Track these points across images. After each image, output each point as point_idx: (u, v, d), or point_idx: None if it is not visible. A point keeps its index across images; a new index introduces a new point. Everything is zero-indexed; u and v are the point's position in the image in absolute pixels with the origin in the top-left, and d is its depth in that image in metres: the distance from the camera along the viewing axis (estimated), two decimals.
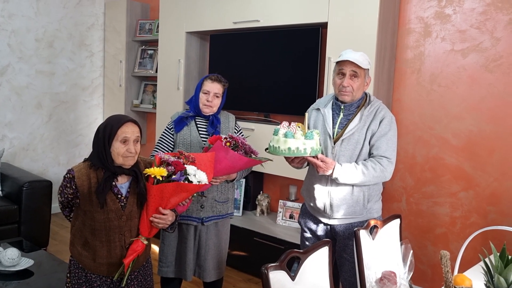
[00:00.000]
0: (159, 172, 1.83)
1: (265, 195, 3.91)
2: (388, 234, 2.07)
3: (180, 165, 1.90)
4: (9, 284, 2.38)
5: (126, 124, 1.86)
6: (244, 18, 3.66)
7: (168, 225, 1.96)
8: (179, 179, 1.86)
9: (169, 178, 1.87)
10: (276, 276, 1.47)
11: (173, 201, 1.91)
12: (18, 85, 4.51)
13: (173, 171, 1.88)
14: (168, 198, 1.88)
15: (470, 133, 2.97)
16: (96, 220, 1.87)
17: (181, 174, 1.88)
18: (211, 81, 2.48)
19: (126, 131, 1.84)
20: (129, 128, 1.85)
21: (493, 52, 2.87)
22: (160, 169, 1.85)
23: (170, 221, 1.94)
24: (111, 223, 1.87)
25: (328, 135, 2.24)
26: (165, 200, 1.89)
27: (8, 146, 4.50)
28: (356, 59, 2.13)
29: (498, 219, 2.88)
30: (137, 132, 1.88)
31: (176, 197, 1.90)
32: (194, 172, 1.93)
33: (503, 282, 1.41)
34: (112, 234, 1.88)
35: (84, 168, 1.88)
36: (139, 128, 1.90)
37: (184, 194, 1.90)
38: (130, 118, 1.90)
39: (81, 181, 1.85)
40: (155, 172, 1.83)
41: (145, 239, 1.93)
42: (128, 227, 1.91)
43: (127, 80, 4.91)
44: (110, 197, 1.87)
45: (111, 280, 1.94)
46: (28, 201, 3.65)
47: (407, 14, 3.20)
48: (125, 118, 1.89)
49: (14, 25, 4.42)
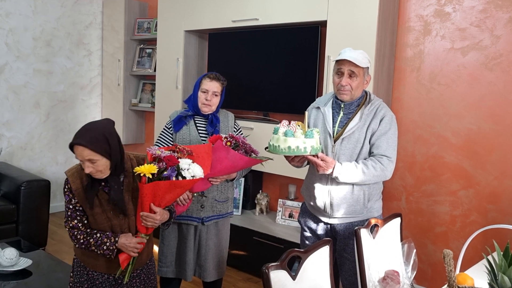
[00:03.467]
0: (148, 170, 1.77)
1: (264, 194, 3.90)
2: (388, 233, 2.06)
3: (173, 160, 1.85)
4: (7, 284, 2.36)
5: (75, 147, 1.75)
6: (243, 17, 3.65)
7: (157, 224, 1.90)
8: (170, 175, 1.81)
9: (160, 175, 1.81)
10: (277, 275, 1.46)
11: (168, 198, 1.87)
12: (15, 84, 4.49)
13: (165, 167, 1.82)
14: (162, 196, 1.84)
15: (470, 132, 2.97)
16: (97, 219, 1.88)
17: (172, 169, 1.83)
18: (209, 80, 2.46)
19: (77, 154, 1.76)
20: (77, 152, 1.75)
21: (493, 50, 2.86)
22: (149, 166, 1.78)
23: (160, 220, 1.88)
24: (111, 222, 1.88)
25: (328, 134, 2.23)
26: (159, 198, 1.85)
27: (6, 146, 4.48)
28: (354, 58, 2.12)
29: (498, 217, 2.87)
30: (86, 155, 1.74)
31: (171, 194, 1.86)
32: (187, 166, 1.88)
33: (507, 281, 1.40)
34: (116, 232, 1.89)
35: (76, 171, 1.88)
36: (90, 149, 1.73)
37: (178, 190, 1.87)
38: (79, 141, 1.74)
39: (76, 184, 1.84)
40: (143, 170, 1.77)
41: (144, 236, 1.91)
42: (126, 225, 1.90)
43: (125, 79, 4.89)
44: (103, 197, 1.86)
45: (113, 278, 1.94)
46: (26, 200, 3.63)
47: (407, 12, 3.19)
48: (76, 140, 1.75)
49: (11, 24, 4.40)
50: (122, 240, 1.85)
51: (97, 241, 1.85)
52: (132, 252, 1.87)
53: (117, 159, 1.82)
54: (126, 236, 1.88)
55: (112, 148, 1.78)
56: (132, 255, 1.88)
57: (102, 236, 1.86)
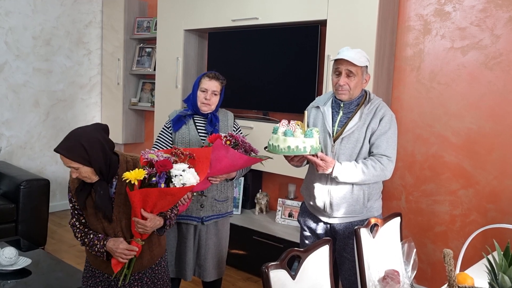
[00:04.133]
0: (135, 176, 1.70)
1: (264, 193, 3.90)
2: (388, 233, 2.06)
3: (167, 165, 1.77)
4: (6, 283, 2.36)
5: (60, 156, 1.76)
6: (243, 16, 3.64)
7: (148, 231, 1.83)
8: (158, 182, 1.75)
9: (149, 181, 1.75)
10: (277, 275, 1.46)
11: (161, 205, 1.81)
12: (15, 83, 4.48)
13: (155, 173, 1.76)
14: (154, 203, 1.78)
15: (470, 131, 2.96)
16: (90, 221, 1.89)
17: (162, 176, 1.75)
18: (208, 79, 2.45)
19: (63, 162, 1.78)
20: (60, 158, 1.77)
21: (493, 50, 2.86)
22: (137, 171, 1.71)
23: (151, 227, 1.81)
24: (103, 224, 1.87)
25: (328, 133, 2.22)
26: (150, 204, 1.78)
27: (6, 145, 4.47)
28: (352, 57, 2.10)
29: (498, 217, 2.87)
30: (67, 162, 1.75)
31: (163, 201, 1.79)
32: (179, 173, 1.80)
33: (507, 280, 1.40)
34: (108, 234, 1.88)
35: None
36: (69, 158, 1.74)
37: (170, 198, 1.80)
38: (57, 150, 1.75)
39: (74, 184, 1.88)
40: (129, 177, 1.70)
41: (140, 240, 1.87)
42: (119, 228, 1.87)
43: (125, 78, 4.89)
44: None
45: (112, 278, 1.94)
46: (26, 199, 3.63)
47: (407, 11, 3.19)
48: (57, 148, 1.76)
49: (11, 23, 4.39)
50: (110, 245, 1.82)
51: (90, 241, 1.87)
52: (120, 258, 1.82)
53: (100, 165, 1.77)
54: (115, 240, 1.83)
55: (91, 156, 1.74)
56: (121, 261, 1.83)
57: (94, 238, 1.87)
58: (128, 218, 1.87)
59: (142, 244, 1.88)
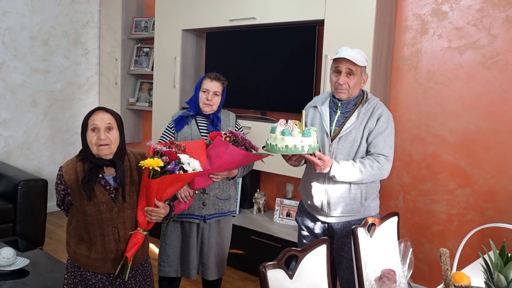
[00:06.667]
0: (156, 163, 1.79)
1: (261, 193, 3.91)
2: (386, 232, 2.06)
3: (173, 154, 1.88)
4: (4, 283, 2.36)
5: (95, 112, 1.85)
6: (240, 16, 3.65)
7: (162, 218, 1.93)
8: (173, 168, 1.83)
9: (164, 169, 1.83)
10: (274, 274, 1.47)
11: (169, 192, 1.89)
12: (12, 83, 4.48)
13: (167, 161, 1.85)
14: (164, 190, 1.86)
15: (467, 130, 2.97)
16: (87, 213, 1.85)
17: (175, 163, 1.85)
18: (210, 80, 2.48)
19: (95, 119, 1.83)
20: (98, 116, 1.83)
21: (490, 49, 2.87)
22: (155, 160, 1.80)
23: (163, 213, 1.92)
24: (103, 215, 1.85)
25: (326, 132, 2.23)
26: (161, 192, 1.86)
27: (3, 145, 4.47)
28: (352, 57, 2.12)
29: (495, 216, 2.88)
30: (107, 119, 1.84)
31: (173, 188, 1.88)
32: (188, 160, 1.91)
33: (503, 280, 1.41)
34: (105, 227, 1.86)
35: (71, 162, 1.90)
36: (112, 115, 1.87)
37: (179, 184, 1.89)
38: (102, 107, 1.90)
39: (68, 175, 1.86)
40: (151, 163, 1.78)
41: (144, 230, 1.91)
42: (121, 219, 1.88)
43: (122, 78, 4.88)
44: (99, 189, 1.85)
45: (106, 278, 1.93)
46: (24, 200, 3.63)
47: (404, 11, 3.19)
48: (98, 107, 1.89)
49: (8, 23, 4.39)
50: None
51: None
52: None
53: (123, 141, 1.91)
54: None
55: (123, 125, 1.92)
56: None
57: None
58: (131, 208, 1.89)
59: (146, 234, 1.93)
